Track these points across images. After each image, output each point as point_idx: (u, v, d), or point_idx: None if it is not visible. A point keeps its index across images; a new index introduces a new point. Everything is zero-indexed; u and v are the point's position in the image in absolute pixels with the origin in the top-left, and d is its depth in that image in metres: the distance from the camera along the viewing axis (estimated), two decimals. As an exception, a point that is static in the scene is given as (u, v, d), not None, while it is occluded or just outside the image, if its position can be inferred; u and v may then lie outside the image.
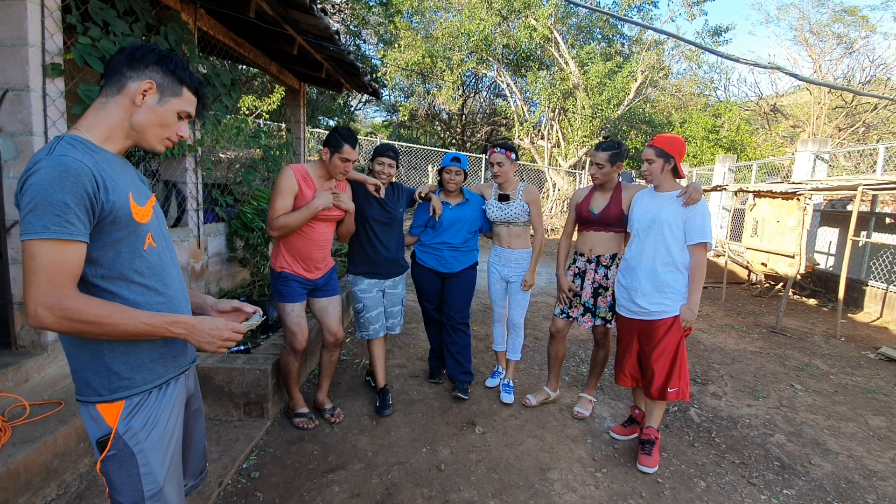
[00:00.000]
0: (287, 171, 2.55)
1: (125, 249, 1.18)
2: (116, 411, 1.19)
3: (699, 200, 2.55)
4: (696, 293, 2.57)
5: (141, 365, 1.22)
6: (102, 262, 1.15)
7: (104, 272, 1.16)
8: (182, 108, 1.26)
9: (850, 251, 5.74)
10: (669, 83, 17.82)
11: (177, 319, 1.19)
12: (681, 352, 2.61)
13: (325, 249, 2.75)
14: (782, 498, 2.48)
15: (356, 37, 14.46)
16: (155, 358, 1.25)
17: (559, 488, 2.43)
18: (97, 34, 2.69)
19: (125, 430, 1.19)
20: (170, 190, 3.72)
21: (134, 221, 1.19)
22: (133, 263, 1.19)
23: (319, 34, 4.05)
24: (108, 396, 1.18)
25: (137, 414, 1.21)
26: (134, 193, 1.20)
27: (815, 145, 8.53)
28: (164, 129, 1.25)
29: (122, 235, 1.17)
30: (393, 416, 3.04)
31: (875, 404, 3.70)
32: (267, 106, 11.81)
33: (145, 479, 1.22)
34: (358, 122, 21.27)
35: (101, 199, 1.11)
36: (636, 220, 2.72)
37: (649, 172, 2.64)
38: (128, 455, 1.20)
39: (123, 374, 1.19)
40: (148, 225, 1.23)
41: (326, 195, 2.59)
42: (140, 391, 1.22)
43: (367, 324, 3.04)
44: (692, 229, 2.53)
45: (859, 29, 15.86)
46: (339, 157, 2.56)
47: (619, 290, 2.81)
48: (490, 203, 3.25)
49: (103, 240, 1.14)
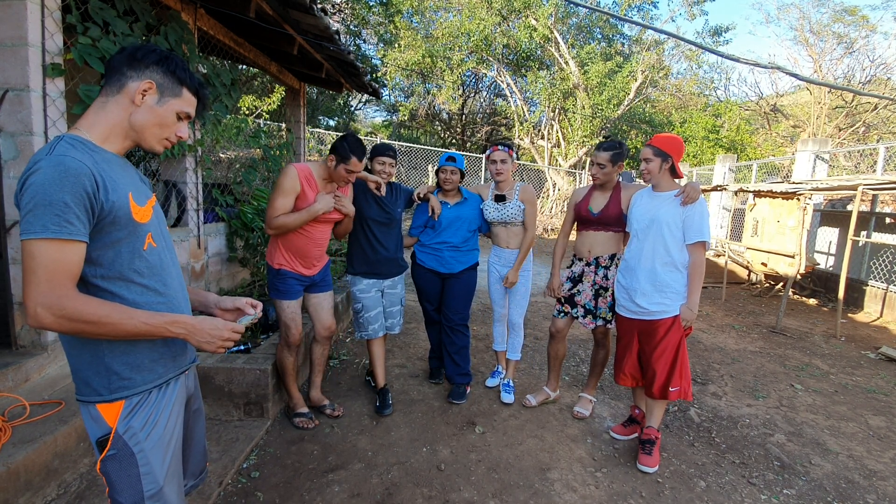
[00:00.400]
0: (290, 171, 2.54)
1: (125, 249, 1.18)
2: (116, 411, 1.19)
3: (697, 200, 2.55)
4: (696, 293, 2.57)
5: (141, 365, 1.22)
6: (102, 262, 1.15)
7: (104, 272, 1.15)
8: (181, 108, 1.26)
9: (850, 251, 5.74)
10: (669, 83, 17.81)
11: (176, 319, 1.19)
12: (682, 351, 2.61)
13: (323, 247, 2.77)
14: (782, 498, 2.48)
15: (356, 37, 14.47)
16: (155, 358, 1.25)
17: (559, 488, 2.43)
18: (97, 34, 2.69)
19: (125, 429, 1.19)
20: (170, 190, 3.73)
21: (134, 221, 1.18)
22: (133, 263, 1.19)
23: (319, 34, 4.05)
24: (107, 396, 1.18)
25: (137, 414, 1.21)
26: (134, 193, 1.20)
27: (815, 145, 8.53)
28: (163, 130, 1.25)
29: (121, 235, 1.17)
30: (393, 416, 3.04)
31: (875, 404, 3.70)
32: (267, 106, 11.81)
33: (145, 478, 1.22)
34: (358, 121, 21.27)
35: (101, 199, 1.11)
36: (635, 220, 2.72)
37: (647, 171, 2.65)
38: (127, 455, 1.20)
39: (123, 374, 1.19)
40: (148, 225, 1.23)
41: (328, 199, 2.58)
42: (140, 391, 1.22)
43: (367, 324, 3.05)
44: (691, 229, 2.54)
45: (859, 29, 15.86)
46: (344, 168, 2.55)
47: (618, 290, 2.81)
48: (487, 204, 3.25)
49: (103, 240, 1.14)
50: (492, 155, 3.15)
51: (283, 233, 2.58)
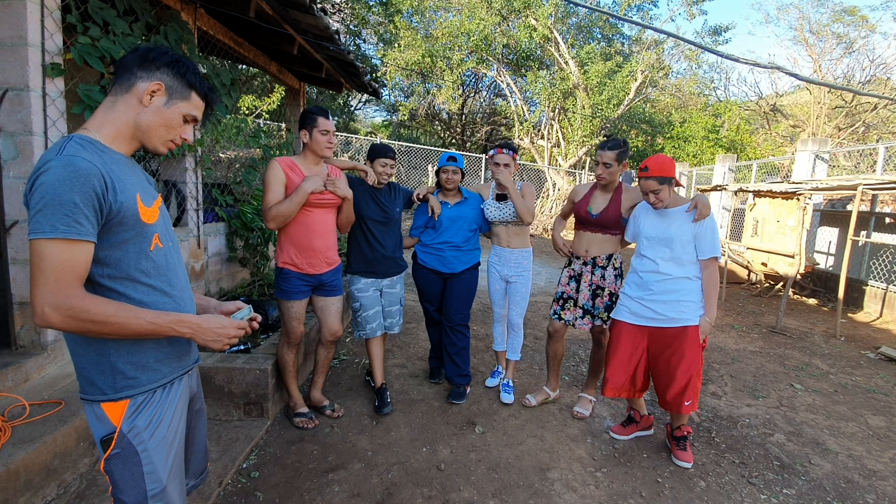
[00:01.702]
0: (272, 165, 2.58)
1: (132, 249, 1.19)
2: (121, 410, 1.19)
3: (709, 215, 2.54)
4: (713, 306, 2.57)
5: (146, 364, 1.23)
6: (109, 262, 1.16)
7: (111, 272, 1.16)
8: (189, 111, 1.26)
9: (850, 251, 5.74)
10: (669, 83, 17.82)
11: (182, 319, 1.20)
12: (699, 363, 2.59)
13: (326, 239, 2.74)
14: (782, 497, 2.48)
15: (356, 36, 14.45)
16: (160, 358, 1.26)
17: (559, 488, 2.43)
18: (97, 34, 2.68)
19: (129, 428, 1.20)
20: (170, 190, 3.73)
21: (141, 222, 1.19)
22: (139, 264, 1.20)
23: (319, 34, 4.05)
24: (112, 395, 1.19)
25: (142, 413, 1.22)
26: (141, 194, 1.21)
27: (814, 145, 8.53)
28: (169, 132, 1.25)
29: (129, 236, 1.17)
30: (393, 415, 3.04)
31: (875, 404, 3.70)
32: (267, 106, 11.81)
33: (148, 477, 1.22)
34: (358, 121, 21.27)
35: (110, 200, 1.11)
36: (644, 238, 2.68)
37: (659, 201, 2.55)
38: (131, 454, 1.20)
39: (128, 373, 1.20)
40: (154, 226, 1.24)
41: (315, 179, 2.59)
42: (144, 391, 1.22)
43: (364, 323, 3.05)
44: (703, 245, 2.53)
45: (859, 29, 15.87)
46: (318, 131, 2.57)
47: (627, 298, 2.72)
48: (488, 203, 3.25)
49: (110, 240, 1.15)
50: (495, 157, 3.13)
51: (282, 222, 2.58)
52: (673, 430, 2.77)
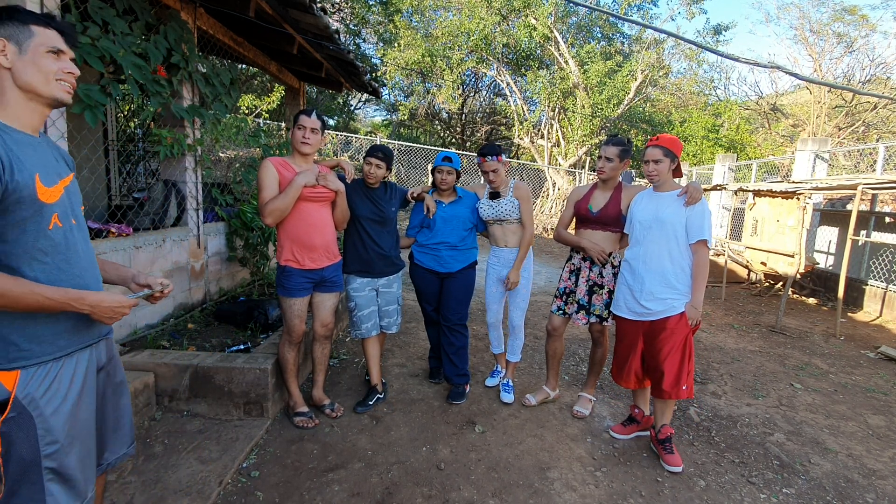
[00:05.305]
0: (264, 164, 2.63)
1: (30, 228, 1.23)
2: (13, 379, 1.24)
3: (700, 200, 2.57)
4: (700, 291, 2.57)
5: (41, 337, 1.27)
6: (7, 240, 1.21)
7: (9, 249, 1.21)
8: (43, 43, 1.27)
9: (850, 250, 5.74)
10: (669, 82, 17.81)
11: (81, 296, 1.27)
12: (689, 349, 2.61)
13: (325, 234, 2.77)
14: (782, 497, 2.48)
15: (356, 36, 14.45)
16: (58, 331, 1.30)
17: (559, 487, 2.43)
18: (96, 33, 2.68)
19: (23, 395, 1.24)
20: (169, 189, 3.72)
21: (39, 202, 1.24)
22: (38, 242, 1.25)
23: (319, 33, 4.05)
24: (5, 365, 1.23)
25: (36, 382, 1.26)
26: (41, 173, 1.25)
27: (814, 144, 8.53)
28: (46, 74, 1.27)
29: (27, 215, 1.22)
30: (393, 415, 3.04)
31: (874, 403, 3.70)
32: (266, 105, 11.81)
33: (42, 439, 1.26)
34: (357, 121, 21.27)
35: (6, 180, 1.17)
36: (637, 223, 2.72)
37: (657, 172, 2.63)
38: (26, 418, 1.24)
39: (22, 345, 1.24)
40: (54, 205, 1.28)
41: (308, 173, 2.64)
42: (38, 362, 1.27)
43: (360, 322, 3.06)
44: (693, 227, 2.55)
45: (859, 28, 15.85)
46: (296, 128, 2.64)
47: (622, 292, 2.78)
48: (482, 202, 3.25)
49: (8, 219, 1.20)
50: (482, 167, 3.14)
51: (279, 217, 2.62)
52: (657, 434, 2.74)
